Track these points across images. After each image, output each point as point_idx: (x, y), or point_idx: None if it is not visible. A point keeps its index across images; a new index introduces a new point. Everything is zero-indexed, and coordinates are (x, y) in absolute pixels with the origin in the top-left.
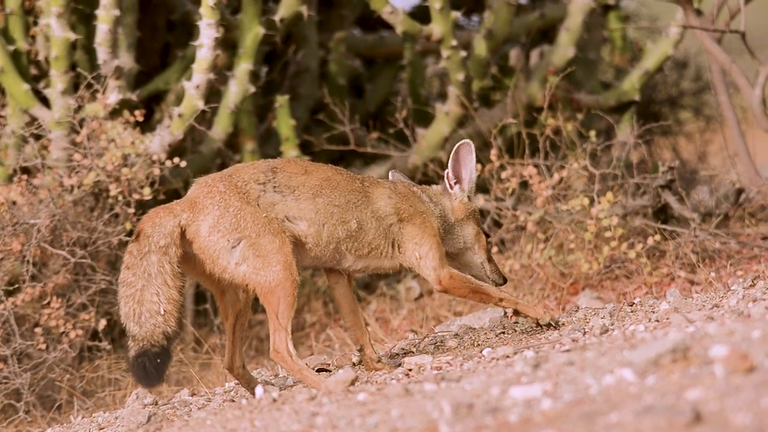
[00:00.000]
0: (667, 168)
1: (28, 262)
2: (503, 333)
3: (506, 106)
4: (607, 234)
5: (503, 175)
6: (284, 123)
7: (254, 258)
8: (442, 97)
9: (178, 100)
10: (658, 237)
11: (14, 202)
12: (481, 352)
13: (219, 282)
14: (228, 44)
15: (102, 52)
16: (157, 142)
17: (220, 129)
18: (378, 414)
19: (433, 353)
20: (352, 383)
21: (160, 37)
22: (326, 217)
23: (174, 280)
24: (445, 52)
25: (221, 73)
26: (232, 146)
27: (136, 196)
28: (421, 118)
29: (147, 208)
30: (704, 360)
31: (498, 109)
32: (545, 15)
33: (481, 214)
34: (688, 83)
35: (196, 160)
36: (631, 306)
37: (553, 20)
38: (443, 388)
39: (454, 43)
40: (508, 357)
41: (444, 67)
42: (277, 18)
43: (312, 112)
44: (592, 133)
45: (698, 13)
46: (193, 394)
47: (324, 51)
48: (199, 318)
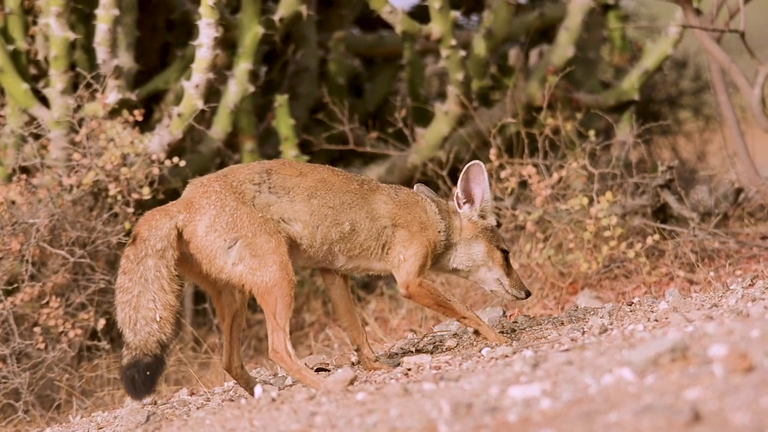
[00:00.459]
0: (666, 167)
1: (27, 261)
2: (502, 332)
3: (505, 106)
4: (606, 233)
5: (502, 174)
6: (283, 122)
7: (251, 258)
8: (442, 96)
9: (178, 100)
10: (657, 236)
11: (13, 202)
12: (480, 352)
13: (215, 283)
14: (227, 44)
15: (101, 52)
16: (157, 141)
17: (219, 128)
18: (377, 413)
19: (432, 353)
20: (351, 383)
21: (160, 37)
22: (320, 219)
23: (171, 284)
24: (445, 52)
25: (220, 72)
26: (232, 146)
27: (136, 196)
28: (421, 117)
29: (146, 208)
30: (703, 359)
31: (497, 109)
32: (544, 14)
33: None
34: (688, 83)
35: (196, 160)
36: (630, 305)
37: (553, 20)
38: (442, 388)
39: (454, 42)
40: (506, 356)
41: (443, 67)
42: (276, 17)
43: (311, 111)
44: (592, 133)
45: (697, 12)
46: (192, 394)
47: (323, 50)
48: (198, 317)
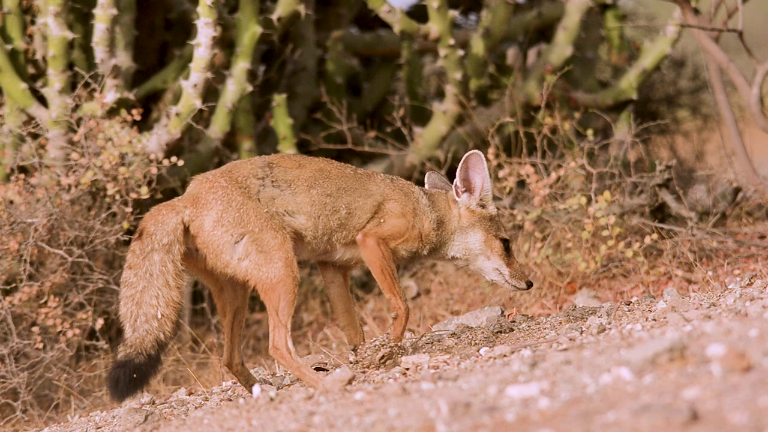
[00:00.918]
0: (665, 167)
1: (26, 261)
2: (500, 332)
3: (504, 105)
4: (605, 233)
5: (501, 174)
6: (282, 122)
7: (257, 254)
8: (440, 95)
9: (176, 99)
10: (655, 236)
11: (11, 201)
12: (478, 351)
13: (218, 278)
14: (225, 43)
15: (99, 51)
16: (155, 141)
17: (217, 128)
18: (375, 413)
19: (430, 352)
20: (350, 382)
21: (158, 36)
22: (320, 209)
23: (176, 280)
24: (443, 51)
25: (219, 72)
26: (230, 145)
27: (134, 195)
28: (419, 116)
29: (144, 208)
30: (701, 359)
31: (495, 108)
32: (543, 14)
33: None
34: (686, 82)
35: (194, 159)
36: (629, 305)
37: (551, 19)
38: (440, 387)
39: (452, 42)
40: (505, 356)
41: (441, 66)
42: (274, 17)
43: (309, 110)
44: (590, 132)
45: (696, 11)
46: (190, 393)
47: (321, 50)
48: (197, 317)
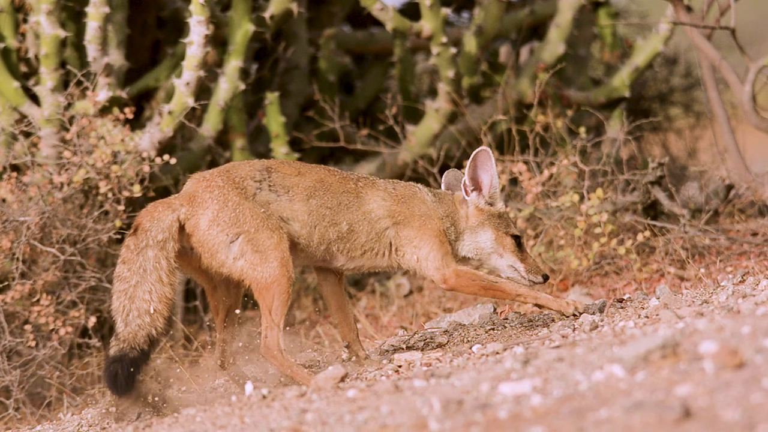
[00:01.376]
0: (657, 164)
1: (18, 259)
2: (493, 329)
3: (496, 103)
4: (597, 230)
5: None
6: (274, 120)
7: (252, 253)
8: (432, 93)
9: (168, 98)
10: (647, 233)
11: (4, 200)
12: (470, 349)
13: (212, 277)
14: (218, 41)
15: (92, 50)
16: (147, 139)
17: (210, 126)
18: (368, 410)
19: (422, 350)
20: (342, 380)
21: (150, 35)
22: (318, 219)
23: (169, 276)
24: (435, 49)
25: (211, 70)
26: (222, 143)
27: (126, 194)
28: (411, 114)
29: (137, 206)
30: (694, 356)
31: (488, 106)
32: (535, 12)
33: None
34: (678, 80)
35: (186, 158)
36: (621, 302)
37: (543, 17)
38: (433, 385)
39: (444, 39)
40: (497, 353)
41: (434, 64)
42: (267, 15)
43: (302, 109)
44: (582, 130)
45: (688, 9)
46: (183, 391)
47: (314, 48)
48: (189, 315)
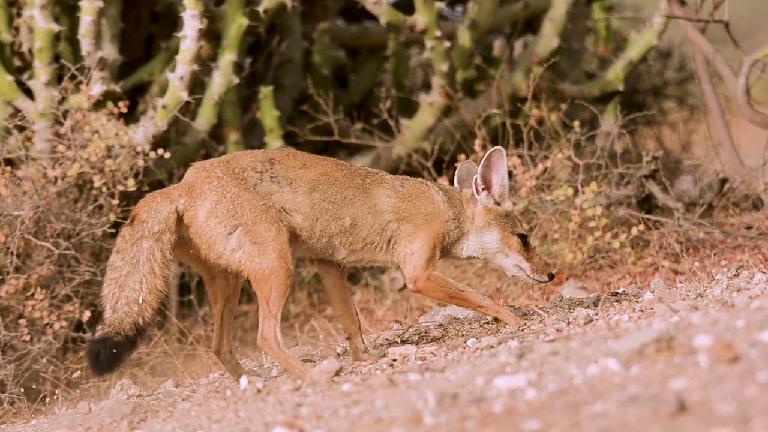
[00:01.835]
0: (651, 158)
1: (12, 253)
2: (488, 323)
3: (490, 97)
4: (591, 224)
5: None
6: (268, 114)
7: (250, 245)
8: (426, 87)
9: (162, 92)
10: (642, 227)
11: None
12: (465, 342)
13: (211, 267)
14: (212, 35)
15: (86, 44)
16: (141, 133)
17: (204, 120)
18: (362, 404)
19: (417, 344)
20: (337, 374)
21: (144, 29)
22: (320, 213)
23: (162, 269)
24: (429, 43)
25: (205, 64)
26: (216, 137)
27: (120, 188)
28: (406, 108)
29: (131, 200)
30: (688, 350)
31: (482, 100)
32: (529, 5)
33: None
34: (672, 73)
35: (180, 152)
36: (616, 296)
37: (537, 10)
38: (427, 379)
39: (438, 33)
40: (492, 347)
41: (428, 58)
42: (260, 9)
43: (296, 102)
44: (576, 124)
45: (682, 3)
46: (177, 385)
47: (308, 42)
48: (184, 309)
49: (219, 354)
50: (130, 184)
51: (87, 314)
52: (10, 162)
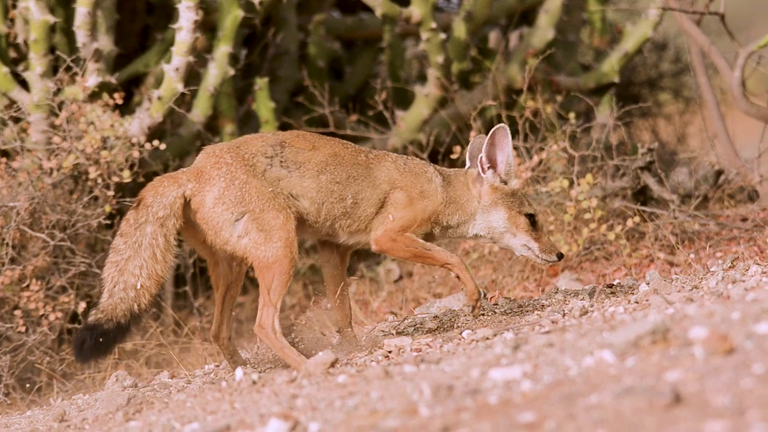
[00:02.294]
0: (647, 150)
1: (8, 244)
2: (483, 315)
3: (486, 88)
4: (587, 216)
5: None
6: (264, 105)
7: (256, 232)
8: (422, 79)
9: (158, 83)
10: (637, 219)
11: None
12: (460, 334)
13: (216, 253)
14: (207, 27)
15: (81, 35)
16: (137, 124)
17: (199, 112)
18: (358, 396)
19: (412, 335)
20: (332, 365)
21: (140, 20)
22: (326, 195)
23: (165, 254)
24: (425, 35)
25: (200, 55)
26: (212, 129)
27: (116, 179)
28: (401, 100)
29: (126, 191)
30: (684, 341)
31: (477, 91)
32: None
33: None
34: (668, 65)
35: (176, 143)
36: (611, 287)
37: (533, 2)
38: (423, 370)
39: (434, 25)
40: (487, 339)
41: (423, 50)
42: (256, 1)
43: (291, 94)
44: (572, 115)
45: None
46: (172, 377)
47: (303, 34)
48: (179, 300)
49: (217, 339)
50: (126, 176)
51: (82, 305)
52: (5, 153)
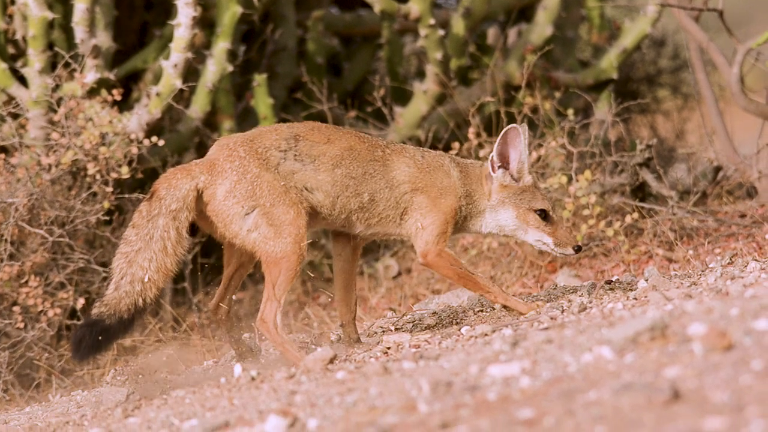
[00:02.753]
0: (645, 146)
1: (6, 240)
2: (482, 311)
3: (484, 85)
4: (585, 212)
5: (481, 153)
6: (262, 102)
7: (266, 227)
8: (420, 75)
9: (156, 79)
10: (636, 215)
11: None
12: (459, 330)
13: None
14: (206, 23)
15: (80, 31)
16: (135, 120)
17: (197, 108)
18: (357, 392)
19: (411, 331)
20: (331, 361)
21: (138, 16)
22: (341, 189)
23: (176, 247)
24: (423, 31)
25: (199, 52)
26: (210, 125)
27: (114, 175)
28: (399, 96)
29: (125, 187)
30: (682, 338)
31: (476, 88)
32: None
33: None
34: (666, 61)
35: (174, 139)
36: (610, 284)
37: None
38: (422, 367)
39: (432, 21)
40: (486, 335)
41: (422, 46)
42: None
43: (290, 90)
44: (570, 112)
45: None
46: (171, 373)
47: (302, 30)
48: (178, 297)
49: (215, 314)
50: (124, 172)
51: (81, 301)
52: (4, 149)
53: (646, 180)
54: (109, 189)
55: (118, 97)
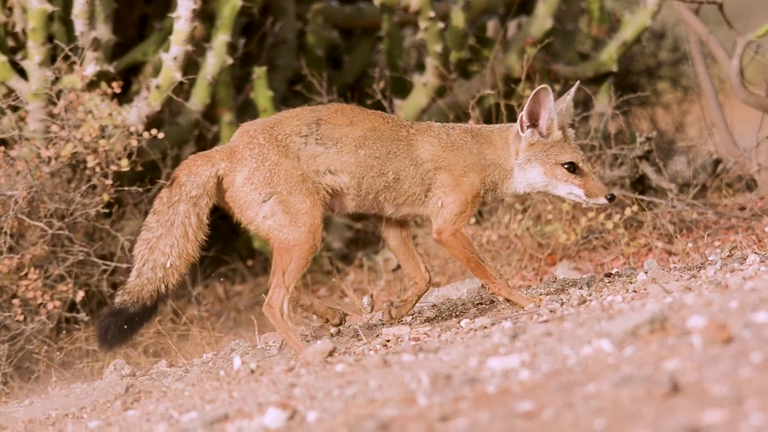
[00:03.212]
0: (645, 139)
1: (6, 233)
2: (481, 304)
3: (484, 77)
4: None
5: None
6: (262, 94)
7: (282, 214)
8: (420, 68)
9: (156, 72)
10: (635, 208)
11: None
12: (458, 323)
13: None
14: (205, 16)
15: (79, 24)
16: (135, 113)
17: (197, 100)
18: (356, 385)
19: (411, 324)
20: (330, 354)
21: (138, 9)
22: (366, 170)
23: (197, 233)
24: (423, 24)
25: (199, 44)
26: (210, 117)
27: (114, 168)
28: (399, 89)
29: (124, 180)
30: (682, 331)
31: (476, 80)
32: None
33: None
34: (666, 54)
35: (174, 132)
36: (609, 276)
37: None
38: (421, 359)
39: (432, 14)
40: (485, 328)
41: (422, 39)
42: None
43: (290, 83)
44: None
45: None
46: (170, 365)
47: (302, 22)
48: (177, 289)
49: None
50: (124, 165)
51: (80, 294)
52: (3, 142)
53: (646, 173)
54: (109, 182)
55: (118, 90)
